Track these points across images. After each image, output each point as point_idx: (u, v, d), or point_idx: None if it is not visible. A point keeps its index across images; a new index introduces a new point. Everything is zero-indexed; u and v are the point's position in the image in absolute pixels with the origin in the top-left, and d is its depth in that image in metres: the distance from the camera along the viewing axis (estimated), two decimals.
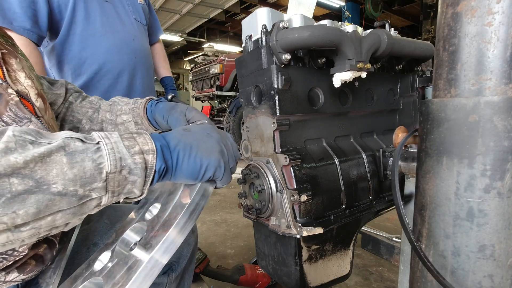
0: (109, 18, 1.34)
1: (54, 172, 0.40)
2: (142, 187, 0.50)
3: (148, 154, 0.50)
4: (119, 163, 0.46)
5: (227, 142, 0.62)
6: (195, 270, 1.59)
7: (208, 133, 0.60)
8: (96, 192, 0.45)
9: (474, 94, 0.46)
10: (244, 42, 0.92)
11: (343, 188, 0.91)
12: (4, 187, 0.36)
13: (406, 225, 0.52)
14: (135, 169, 0.48)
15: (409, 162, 0.80)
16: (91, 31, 1.29)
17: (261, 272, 1.62)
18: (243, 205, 0.97)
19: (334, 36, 0.76)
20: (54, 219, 0.42)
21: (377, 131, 1.12)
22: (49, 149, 0.41)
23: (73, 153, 0.43)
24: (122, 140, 0.49)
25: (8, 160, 0.37)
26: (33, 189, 0.38)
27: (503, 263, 0.46)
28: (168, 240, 0.53)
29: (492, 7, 0.44)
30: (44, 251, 0.68)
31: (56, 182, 0.40)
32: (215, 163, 0.57)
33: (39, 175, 0.39)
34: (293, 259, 0.85)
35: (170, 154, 0.53)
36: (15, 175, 0.37)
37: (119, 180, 0.47)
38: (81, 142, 0.45)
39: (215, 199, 3.52)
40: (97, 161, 0.44)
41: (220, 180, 0.60)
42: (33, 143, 0.40)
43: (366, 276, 1.86)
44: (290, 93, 0.84)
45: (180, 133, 0.58)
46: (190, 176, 0.56)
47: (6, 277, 0.62)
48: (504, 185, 0.44)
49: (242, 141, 0.99)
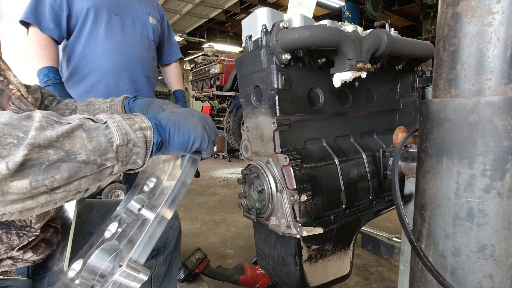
0: (112, 27, 1.58)
1: (78, 145, 0.49)
2: (144, 157, 0.59)
3: (146, 130, 0.59)
4: (125, 137, 0.55)
5: (207, 120, 0.73)
6: (195, 270, 1.60)
7: (191, 113, 0.71)
8: (110, 161, 0.54)
9: (474, 94, 0.46)
10: (244, 42, 0.92)
11: (343, 188, 0.91)
12: (44, 157, 0.45)
13: (406, 225, 0.53)
14: (138, 142, 0.57)
15: (409, 162, 0.80)
16: (95, 35, 1.55)
17: (261, 272, 1.62)
18: (243, 205, 0.97)
19: (334, 36, 0.76)
20: (80, 183, 0.51)
21: (377, 131, 1.12)
22: (71, 127, 0.49)
23: (89, 130, 0.52)
24: (124, 119, 0.57)
25: (45, 135, 0.46)
26: (64, 158, 0.47)
27: (503, 263, 0.46)
28: (169, 200, 0.64)
29: (492, 7, 0.44)
30: (51, 235, 0.79)
31: (81, 153, 0.49)
32: (200, 136, 0.67)
33: (67, 147, 0.48)
34: (293, 259, 0.85)
35: (163, 130, 0.63)
36: (50, 147, 0.46)
37: (126, 152, 0.56)
38: (92, 121, 0.53)
39: (215, 199, 3.52)
40: (108, 136, 0.53)
41: (205, 151, 0.71)
42: (57, 122, 0.49)
43: (366, 276, 1.86)
44: (290, 93, 0.84)
45: (169, 114, 0.68)
46: (181, 147, 0.66)
47: (23, 256, 0.72)
48: (504, 185, 0.44)
49: (242, 141, 0.99)
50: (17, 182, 0.44)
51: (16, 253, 0.70)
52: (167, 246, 1.01)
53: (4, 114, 0.46)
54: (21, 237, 0.69)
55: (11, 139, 0.44)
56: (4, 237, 0.66)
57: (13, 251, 0.69)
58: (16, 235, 0.68)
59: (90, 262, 0.68)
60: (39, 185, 0.46)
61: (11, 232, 0.67)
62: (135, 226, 0.66)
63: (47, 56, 1.45)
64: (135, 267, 0.58)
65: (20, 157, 0.43)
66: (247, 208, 0.94)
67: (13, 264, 0.71)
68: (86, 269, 0.68)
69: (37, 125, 0.46)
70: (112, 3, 1.57)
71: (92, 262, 0.68)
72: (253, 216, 0.92)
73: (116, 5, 1.58)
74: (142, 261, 0.60)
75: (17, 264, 0.72)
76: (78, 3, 1.50)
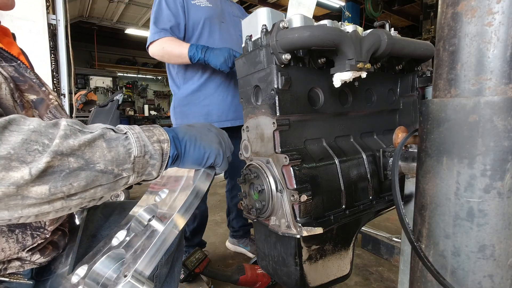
0: (224, 34, 1.77)
1: (98, 154, 0.50)
2: (159, 170, 0.60)
3: (164, 143, 0.60)
4: (143, 149, 0.56)
5: (224, 136, 0.74)
6: (195, 270, 1.60)
7: (209, 129, 0.72)
8: (126, 172, 0.55)
9: (474, 94, 0.46)
10: (244, 42, 0.92)
11: (343, 188, 0.91)
12: (65, 164, 0.47)
13: (406, 225, 0.53)
14: (155, 155, 0.58)
15: (409, 162, 0.79)
16: (211, 44, 1.71)
17: (261, 272, 1.62)
18: (243, 205, 0.97)
19: (334, 36, 0.76)
20: (95, 191, 0.52)
21: (377, 131, 1.12)
22: (93, 136, 0.51)
23: (110, 140, 0.53)
24: (143, 131, 0.59)
25: (68, 143, 0.47)
26: (83, 166, 0.49)
27: (503, 263, 0.46)
28: (180, 211, 0.64)
29: (492, 7, 0.44)
30: (58, 238, 0.81)
31: (99, 162, 0.50)
32: (216, 151, 0.68)
33: (87, 156, 0.49)
34: (293, 259, 0.85)
35: (180, 143, 0.64)
36: (72, 155, 0.48)
37: (142, 163, 0.57)
38: (114, 132, 0.55)
39: (215, 199, 3.52)
40: (127, 147, 0.54)
41: (219, 167, 0.71)
42: (80, 131, 0.51)
43: (366, 276, 1.86)
44: (290, 93, 0.84)
45: (186, 128, 0.69)
46: (196, 161, 0.67)
47: (31, 258, 0.72)
48: (504, 185, 0.44)
49: (242, 141, 0.99)
50: (37, 188, 0.45)
51: (25, 254, 0.71)
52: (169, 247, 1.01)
53: (33, 121, 0.48)
54: (35, 238, 0.70)
55: (37, 145, 0.45)
56: (20, 237, 0.68)
57: (24, 251, 0.70)
58: (30, 235, 0.69)
59: (95, 269, 0.68)
60: (57, 192, 0.47)
61: (26, 232, 0.69)
62: (144, 236, 0.65)
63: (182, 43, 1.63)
64: (140, 279, 0.58)
65: (43, 164, 0.44)
66: (247, 208, 0.94)
67: (21, 265, 0.72)
68: (90, 276, 0.67)
69: (62, 133, 0.48)
70: (219, 13, 1.76)
71: (97, 269, 0.68)
72: (253, 216, 0.92)
73: (221, 14, 1.77)
74: (147, 274, 0.59)
75: (25, 266, 0.73)
76: (193, 15, 1.69)
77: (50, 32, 2.59)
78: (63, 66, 2.70)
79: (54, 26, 2.65)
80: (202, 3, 1.71)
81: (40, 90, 0.73)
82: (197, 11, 1.69)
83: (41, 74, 0.79)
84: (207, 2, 1.73)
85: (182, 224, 0.64)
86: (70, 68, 2.94)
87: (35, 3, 2.46)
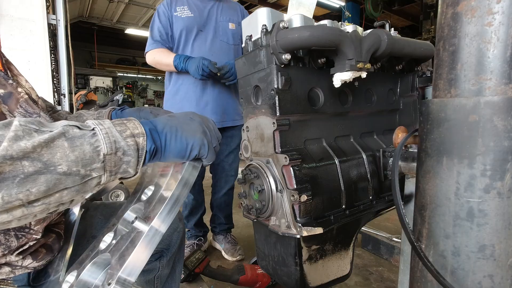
0: (199, 42, 1.89)
1: (58, 155, 0.46)
2: (136, 166, 0.56)
3: (139, 137, 0.55)
4: (114, 145, 0.51)
5: (209, 124, 0.68)
6: (195, 270, 1.60)
7: (191, 117, 0.66)
8: (96, 172, 0.50)
9: (474, 94, 0.46)
10: (244, 42, 0.92)
11: (343, 188, 0.91)
12: (18, 169, 0.42)
13: (406, 225, 0.52)
14: (128, 151, 0.53)
15: (409, 162, 0.79)
16: (188, 52, 1.89)
17: (261, 272, 1.62)
18: (243, 205, 0.97)
19: (334, 36, 0.76)
20: (61, 195, 0.48)
21: (377, 131, 1.12)
22: (52, 136, 0.46)
23: (73, 138, 0.48)
24: (114, 126, 0.54)
25: (19, 145, 0.42)
26: (42, 170, 0.44)
27: (503, 263, 0.46)
28: (164, 211, 0.59)
29: (492, 7, 0.44)
30: (52, 241, 0.76)
31: (61, 164, 0.46)
32: (199, 142, 0.63)
33: (46, 158, 0.44)
34: (293, 259, 0.85)
35: (159, 136, 0.59)
36: (25, 159, 0.43)
37: (115, 161, 0.52)
38: (78, 129, 0.50)
39: None
40: (94, 145, 0.49)
41: (205, 158, 0.66)
42: (37, 131, 0.46)
43: (366, 276, 1.86)
44: (290, 93, 0.84)
45: (166, 118, 0.63)
46: (178, 154, 0.61)
47: (22, 262, 0.68)
48: (504, 185, 0.44)
49: (242, 141, 0.99)
50: None
51: (15, 258, 0.67)
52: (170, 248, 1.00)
53: None
54: (20, 238, 0.66)
55: None
56: (2, 238, 0.64)
57: (12, 255, 0.66)
58: (14, 236, 0.65)
59: (82, 276, 0.65)
60: (12, 200, 0.42)
61: (9, 233, 0.65)
62: (128, 239, 0.62)
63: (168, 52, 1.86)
64: (126, 285, 0.54)
65: None
66: (247, 208, 0.94)
67: (11, 271, 0.68)
68: (78, 284, 0.64)
69: (11, 135, 0.42)
70: (200, 21, 1.87)
71: (84, 276, 0.65)
72: (253, 216, 0.92)
73: (202, 22, 1.89)
74: (133, 279, 0.56)
75: (16, 272, 0.69)
76: (175, 26, 1.87)
77: (50, 32, 2.59)
78: (63, 66, 2.70)
79: (54, 26, 2.65)
80: (184, 14, 1.85)
81: (7, 83, 0.65)
82: (177, 22, 1.85)
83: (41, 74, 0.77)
84: (189, 12, 1.86)
85: (167, 223, 0.60)
86: (70, 68, 2.94)
87: (35, 3, 2.46)
